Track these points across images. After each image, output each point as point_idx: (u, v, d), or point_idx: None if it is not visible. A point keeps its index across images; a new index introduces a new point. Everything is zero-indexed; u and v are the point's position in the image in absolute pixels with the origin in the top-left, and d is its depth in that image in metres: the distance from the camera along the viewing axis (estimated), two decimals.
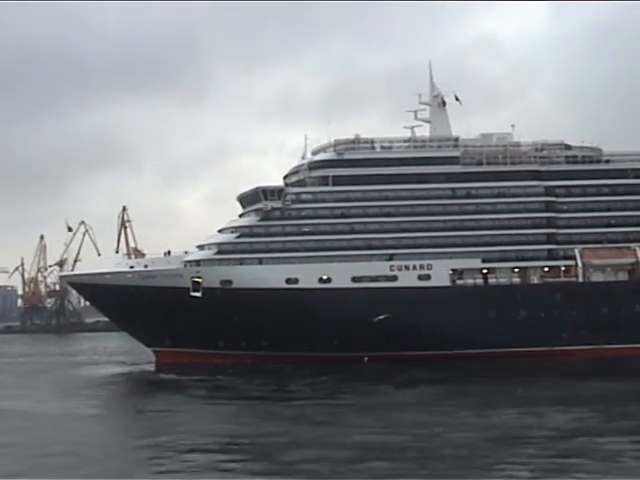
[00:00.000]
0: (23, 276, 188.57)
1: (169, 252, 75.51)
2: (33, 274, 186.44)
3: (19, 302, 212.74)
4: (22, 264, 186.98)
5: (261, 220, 74.25)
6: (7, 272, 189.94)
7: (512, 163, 76.23)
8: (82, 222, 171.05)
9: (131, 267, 75.53)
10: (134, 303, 71.33)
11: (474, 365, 64.16)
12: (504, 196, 75.54)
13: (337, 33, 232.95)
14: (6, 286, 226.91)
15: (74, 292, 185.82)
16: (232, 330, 70.12)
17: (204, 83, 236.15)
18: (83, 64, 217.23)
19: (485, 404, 44.68)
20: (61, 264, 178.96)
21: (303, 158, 78.04)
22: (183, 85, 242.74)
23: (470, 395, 49.00)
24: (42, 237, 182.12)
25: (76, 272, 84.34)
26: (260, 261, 73.13)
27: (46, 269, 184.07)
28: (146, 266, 74.24)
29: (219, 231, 75.89)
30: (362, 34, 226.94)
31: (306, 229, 73.72)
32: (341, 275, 71.42)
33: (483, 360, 66.04)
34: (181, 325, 71.35)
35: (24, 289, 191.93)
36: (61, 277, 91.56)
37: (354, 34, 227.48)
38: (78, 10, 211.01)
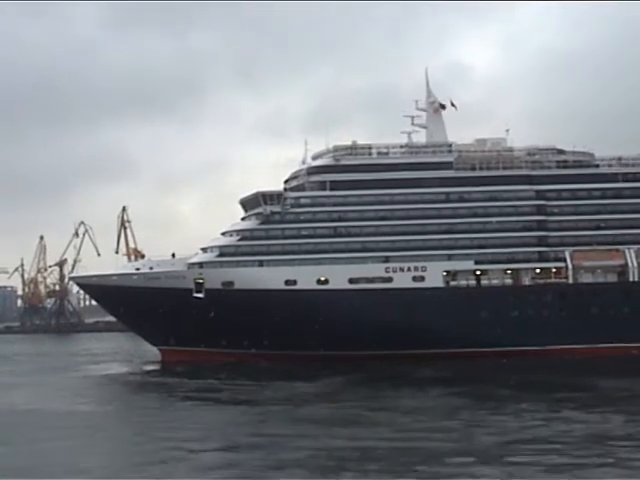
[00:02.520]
0: (23, 276, 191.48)
1: (173, 255, 79.76)
2: (33, 274, 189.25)
3: (19, 302, 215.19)
4: (22, 264, 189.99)
5: (261, 224, 78.30)
6: (7, 272, 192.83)
7: (504, 168, 79.67)
8: (82, 222, 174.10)
9: (137, 269, 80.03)
10: (140, 304, 75.46)
11: (469, 364, 66.77)
12: (496, 200, 78.93)
13: (322, 61, 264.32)
14: (6, 286, 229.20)
15: (74, 292, 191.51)
16: (234, 329, 73.94)
17: (201, 106, 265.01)
18: (94, 90, 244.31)
19: (517, 406, 45.09)
20: (61, 265, 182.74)
21: (303, 163, 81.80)
22: (182, 108, 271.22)
23: (502, 397, 49.49)
24: (42, 237, 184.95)
25: (84, 274, 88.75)
26: (260, 263, 77.16)
27: (46, 269, 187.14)
28: (151, 268, 78.40)
29: (222, 234, 79.88)
30: (344, 61, 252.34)
31: (304, 232, 77.80)
32: (338, 277, 75.28)
33: (476, 359, 69.15)
34: (185, 325, 75.45)
35: (24, 289, 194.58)
36: (70, 278, 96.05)
37: (337, 61, 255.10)
38: (88, 45, 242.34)
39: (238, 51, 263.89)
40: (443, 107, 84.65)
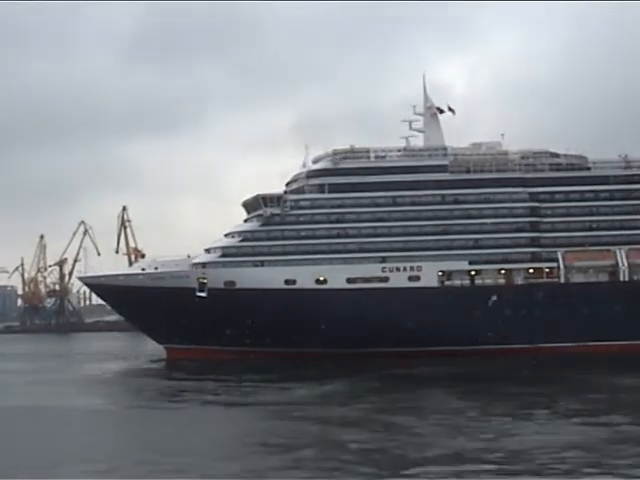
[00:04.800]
0: (23, 276, 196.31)
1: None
2: (33, 274, 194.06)
3: (19, 302, 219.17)
4: (22, 264, 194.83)
5: (262, 225, 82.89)
6: (7, 272, 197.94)
7: (498, 171, 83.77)
8: (82, 222, 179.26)
9: (143, 269, 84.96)
10: (145, 303, 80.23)
11: (465, 362, 69.67)
12: (490, 202, 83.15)
13: (310, 85, 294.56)
14: (6, 286, 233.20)
15: (74, 292, 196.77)
16: (236, 328, 78.76)
17: (202, 125, 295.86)
18: (104, 113, 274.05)
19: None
20: (61, 264, 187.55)
21: (304, 166, 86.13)
22: (184, 126, 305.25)
23: (521, 397, 49.58)
24: (42, 237, 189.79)
25: (92, 274, 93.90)
26: (261, 263, 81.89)
27: (46, 269, 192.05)
28: (156, 268, 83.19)
29: (225, 235, 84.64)
30: (331, 82, 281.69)
31: (304, 233, 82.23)
32: (336, 276, 79.80)
33: (469, 357, 73.10)
34: (188, 323, 79.89)
35: (24, 289, 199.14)
36: (78, 278, 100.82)
37: (324, 84, 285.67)
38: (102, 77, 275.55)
39: (236, 77, 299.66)
40: (441, 111, 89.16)
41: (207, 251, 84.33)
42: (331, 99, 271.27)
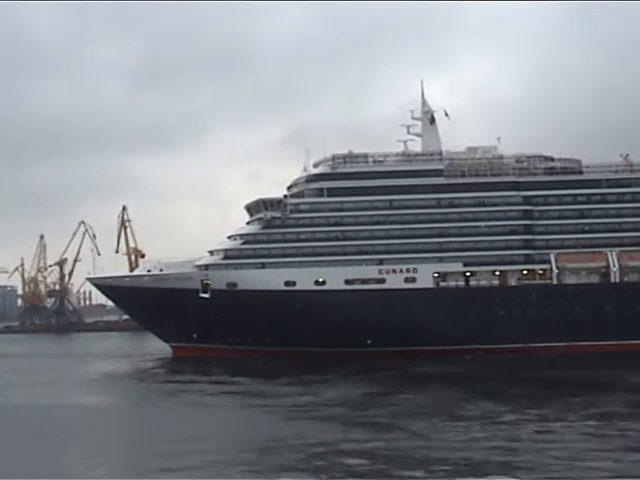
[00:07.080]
0: (23, 276, 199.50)
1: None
2: (33, 274, 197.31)
3: (19, 302, 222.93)
4: (22, 264, 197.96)
5: (263, 228, 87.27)
6: (7, 272, 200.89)
7: (493, 175, 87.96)
8: (82, 222, 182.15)
9: (148, 271, 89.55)
10: (151, 303, 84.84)
11: (465, 362, 73.20)
12: (485, 205, 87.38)
13: (300, 102, 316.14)
14: (6, 286, 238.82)
15: (74, 292, 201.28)
16: (238, 327, 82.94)
17: (200, 140, 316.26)
18: (107, 132, 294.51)
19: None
20: (61, 264, 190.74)
21: (305, 170, 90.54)
22: (185, 141, 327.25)
23: (535, 399, 50.38)
24: (42, 237, 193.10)
25: (101, 275, 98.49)
26: (262, 265, 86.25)
27: (46, 269, 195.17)
28: (161, 270, 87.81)
29: (228, 238, 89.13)
30: (319, 100, 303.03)
31: (303, 236, 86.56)
32: (335, 278, 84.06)
33: (465, 356, 77.09)
34: (192, 323, 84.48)
35: (24, 289, 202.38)
36: (87, 279, 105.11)
37: (313, 100, 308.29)
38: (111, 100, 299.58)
39: (232, 99, 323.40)
40: (433, 119, 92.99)
41: (210, 253, 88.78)
42: (320, 115, 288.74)
